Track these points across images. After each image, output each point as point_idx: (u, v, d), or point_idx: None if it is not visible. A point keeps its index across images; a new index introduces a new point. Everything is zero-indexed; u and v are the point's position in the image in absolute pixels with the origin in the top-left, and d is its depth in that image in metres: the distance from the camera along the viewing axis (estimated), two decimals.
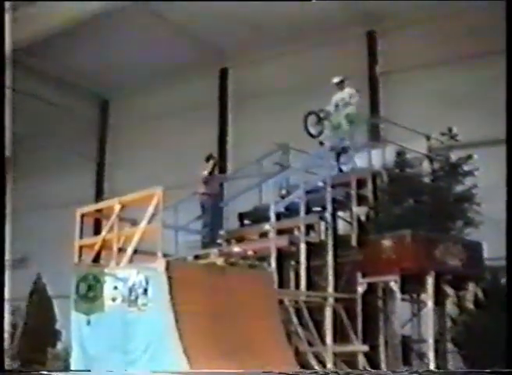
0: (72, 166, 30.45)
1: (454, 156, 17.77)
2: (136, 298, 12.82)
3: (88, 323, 13.35)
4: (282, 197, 18.21)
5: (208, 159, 18.61)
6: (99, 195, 30.12)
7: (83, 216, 15.00)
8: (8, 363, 18.05)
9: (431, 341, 15.74)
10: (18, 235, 29.92)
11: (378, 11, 24.07)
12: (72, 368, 13.91)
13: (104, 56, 26.73)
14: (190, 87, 27.98)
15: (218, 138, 27.75)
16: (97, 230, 17.56)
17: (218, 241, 17.37)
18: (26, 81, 25.99)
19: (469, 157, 17.38)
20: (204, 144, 25.09)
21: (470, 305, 16.28)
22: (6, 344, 20.45)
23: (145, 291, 12.74)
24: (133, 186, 26.56)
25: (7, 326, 21.51)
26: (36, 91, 27.51)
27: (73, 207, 15.61)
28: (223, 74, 28.63)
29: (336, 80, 18.86)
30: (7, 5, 15.74)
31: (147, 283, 12.74)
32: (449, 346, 16.59)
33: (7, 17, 15.62)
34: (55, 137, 30.25)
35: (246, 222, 18.42)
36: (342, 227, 17.45)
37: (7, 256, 27.29)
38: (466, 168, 17.33)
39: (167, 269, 12.49)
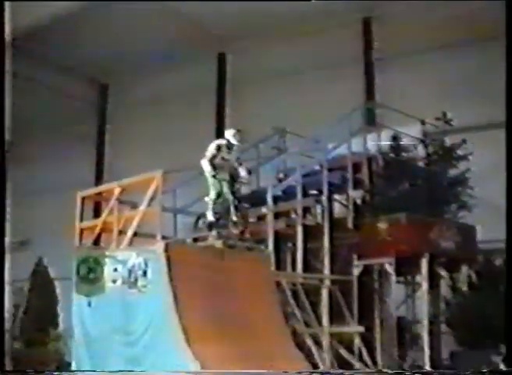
0: (72, 149, 30.62)
1: (449, 141, 18.02)
2: (136, 279, 12.96)
3: (89, 304, 13.52)
4: (280, 180, 18.46)
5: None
6: (99, 179, 30.29)
7: (83, 199, 15.17)
8: (10, 343, 18.30)
9: (425, 322, 16.05)
10: (19, 218, 30.25)
11: None
12: (73, 349, 14.09)
13: (103, 42, 26.83)
14: (188, 72, 28.08)
15: (215, 123, 27.85)
16: (97, 213, 17.75)
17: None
18: (26, 66, 26.09)
19: (463, 141, 17.63)
20: (202, 129, 25.28)
21: (463, 287, 16.57)
22: (8, 325, 20.72)
23: (144, 273, 12.88)
24: (133, 169, 27.10)
25: (9, 307, 21.76)
26: (36, 75, 27.60)
27: (74, 190, 15.77)
28: (221, 59, 28.77)
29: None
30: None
31: (146, 265, 12.88)
32: (443, 327, 16.89)
33: (7, 4, 15.64)
34: (56, 121, 30.44)
35: (244, 205, 18.60)
36: (338, 210, 17.70)
37: (8, 239, 27.63)
38: (460, 152, 17.57)
39: (166, 251, 12.62)
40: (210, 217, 14.06)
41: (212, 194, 13.78)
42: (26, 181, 30.70)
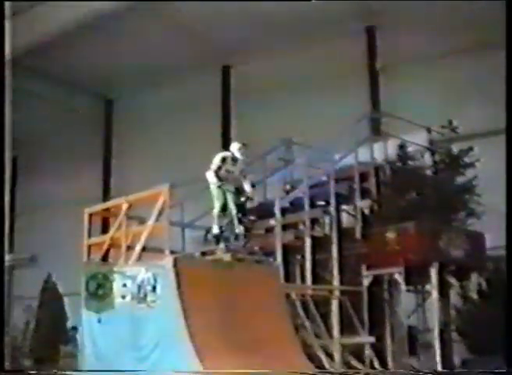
0: (79, 165, 30.69)
1: (455, 148, 17.98)
2: (145, 295, 12.97)
3: (99, 321, 13.52)
4: (287, 192, 18.43)
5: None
6: (106, 193, 30.37)
7: (91, 215, 15.18)
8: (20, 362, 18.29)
9: (436, 330, 15.96)
10: (27, 234, 30.35)
11: (376, 6, 24.17)
12: (85, 366, 14.05)
13: (106, 57, 26.91)
14: (192, 85, 28.09)
15: (221, 135, 27.85)
16: (104, 229, 17.74)
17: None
18: (31, 83, 26.22)
19: (470, 149, 17.58)
20: (207, 142, 25.26)
21: (474, 296, 16.48)
22: (19, 340, 20.72)
23: (154, 288, 12.89)
24: (139, 183, 27.16)
25: (20, 324, 21.74)
26: (41, 91, 27.70)
27: (82, 205, 15.80)
28: (226, 71, 28.79)
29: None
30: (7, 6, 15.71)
31: (155, 280, 12.89)
32: (454, 335, 16.80)
33: (7, 21, 15.65)
34: (63, 138, 30.51)
35: (251, 218, 18.58)
36: (346, 221, 17.68)
37: (16, 256, 27.69)
38: (467, 160, 17.53)
39: (175, 265, 12.60)
40: (215, 230, 14.06)
41: (217, 207, 13.77)
42: (32, 195, 30.93)
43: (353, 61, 24.83)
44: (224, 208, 13.73)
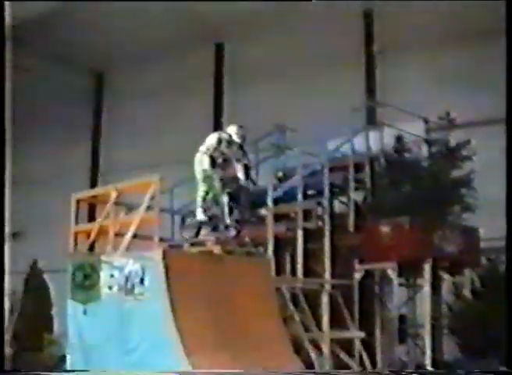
0: (68, 141, 30.29)
1: (452, 139, 17.67)
2: (133, 287, 12.64)
3: (85, 312, 13.19)
4: (279, 179, 18.03)
5: None
6: (95, 170, 30.05)
7: (78, 201, 14.81)
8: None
9: (427, 326, 15.79)
10: (14, 209, 29.92)
11: None
12: (68, 357, 13.77)
13: (99, 31, 26.40)
14: (185, 62, 27.67)
15: (213, 116, 27.45)
16: (91, 216, 17.40)
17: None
18: (21, 56, 25.70)
19: (467, 142, 17.26)
20: (199, 122, 24.92)
21: (466, 293, 16.27)
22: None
23: (142, 280, 12.56)
24: (129, 162, 26.85)
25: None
26: (29, 66, 27.16)
27: (69, 185, 15.44)
28: (219, 49, 28.32)
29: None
30: None
31: (143, 272, 12.56)
32: (445, 331, 16.62)
33: None
34: (51, 113, 30.03)
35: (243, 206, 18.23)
36: (340, 211, 17.39)
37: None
38: (464, 152, 17.23)
39: (164, 258, 12.32)
40: (200, 216, 13.70)
41: (201, 191, 13.43)
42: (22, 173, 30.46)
43: (350, 45, 24.44)
44: (207, 193, 13.39)
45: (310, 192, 17.14)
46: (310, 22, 24.26)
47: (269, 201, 15.87)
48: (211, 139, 13.47)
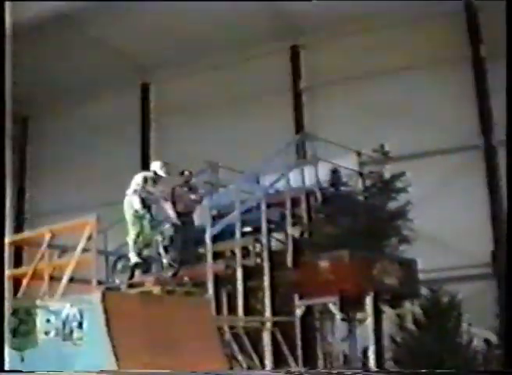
0: None
1: (386, 171, 17.66)
2: (71, 331, 12.20)
3: (22, 360, 12.66)
4: (213, 218, 17.70)
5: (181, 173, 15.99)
6: (19, 214, 29.35)
7: (11, 244, 14.26)
8: None
9: (372, 359, 15.61)
10: None
11: (301, 24, 23.93)
12: None
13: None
14: (110, 104, 27.34)
15: (141, 157, 27.05)
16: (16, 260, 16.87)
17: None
18: None
19: (402, 174, 17.25)
20: (127, 164, 24.50)
21: (409, 325, 16.13)
22: None
23: (80, 324, 12.14)
24: (53, 206, 26.24)
25: None
26: None
27: None
28: (145, 89, 28.05)
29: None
30: None
31: (81, 316, 12.14)
32: (391, 365, 16.44)
33: None
34: None
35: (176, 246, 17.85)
36: (277, 248, 17.17)
37: None
38: (399, 184, 17.22)
39: (103, 300, 11.91)
40: (134, 258, 13.37)
41: (132, 234, 13.13)
42: None
43: (277, 82, 24.51)
44: (138, 235, 13.11)
45: (246, 229, 16.88)
46: (236, 58, 24.32)
47: (207, 240, 15.53)
48: (137, 179, 13.24)
